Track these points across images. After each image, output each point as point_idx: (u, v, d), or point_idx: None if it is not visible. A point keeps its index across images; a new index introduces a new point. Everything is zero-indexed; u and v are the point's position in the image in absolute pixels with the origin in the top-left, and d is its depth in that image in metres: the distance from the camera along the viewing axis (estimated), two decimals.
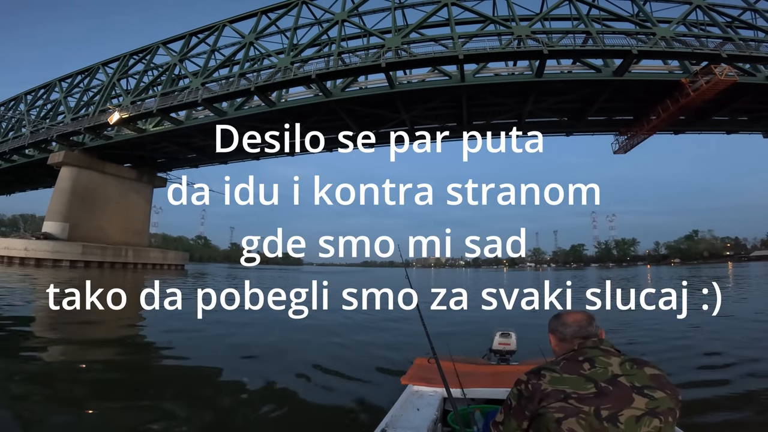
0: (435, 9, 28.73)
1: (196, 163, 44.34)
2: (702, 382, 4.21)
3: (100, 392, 3.77)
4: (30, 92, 46.50)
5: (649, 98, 27.50)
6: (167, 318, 8.96)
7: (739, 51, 23.76)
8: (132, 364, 5.06)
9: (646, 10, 27.41)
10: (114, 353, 5.48)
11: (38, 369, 4.58)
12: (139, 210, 45.05)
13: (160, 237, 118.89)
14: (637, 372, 1.26)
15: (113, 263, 37.73)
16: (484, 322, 8.87)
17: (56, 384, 3.96)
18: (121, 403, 3.52)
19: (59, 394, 3.69)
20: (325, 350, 5.79)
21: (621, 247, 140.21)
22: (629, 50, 23.40)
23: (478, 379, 2.70)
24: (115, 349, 5.68)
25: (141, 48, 39.13)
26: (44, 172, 41.64)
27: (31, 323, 7.82)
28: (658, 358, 5.16)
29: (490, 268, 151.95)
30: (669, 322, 8.50)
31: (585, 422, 1.16)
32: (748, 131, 32.90)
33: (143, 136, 34.82)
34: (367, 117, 31.16)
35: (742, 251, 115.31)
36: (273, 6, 32.90)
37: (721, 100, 26.06)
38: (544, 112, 31.14)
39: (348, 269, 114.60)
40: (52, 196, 38.72)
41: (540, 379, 1.27)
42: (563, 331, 1.48)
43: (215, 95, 29.47)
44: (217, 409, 3.43)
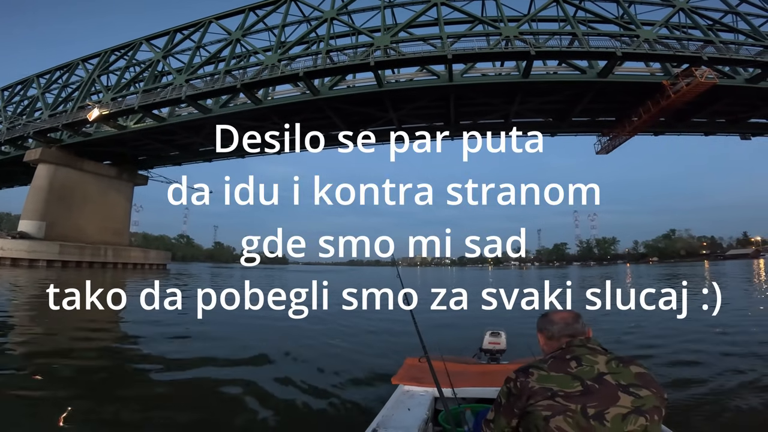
0: (424, 8, 28.77)
1: (179, 161, 43.45)
2: (686, 381, 4.28)
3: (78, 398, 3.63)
4: (6, 88, 45.06)
5: (631, 100, 28.09)
6: (146, 319, 8.75)
7: (720, 54, 24.38)
8: (109, 365, 4.90)
9: (630, 12, 27.94)
10: (92, 354, 5.29)
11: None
12: (119, 208, 43.99)
13: (140, 236, 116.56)
14: (623, 370, 1.27)
15: (92, 263, 36.73)
16: (478, 319, 8.92)
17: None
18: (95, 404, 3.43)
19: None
20: (314, 351, 5.75)
21: (602, 245, 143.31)
22: (614, 52, 23.84)
23: (468, 378, 2.70)
24: (93, 349, 5.49)
25: (123, 44, 38.24)
26: (20, 169, 40.45)
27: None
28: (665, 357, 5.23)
29: (475, 267, 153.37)
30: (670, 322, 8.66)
31: (572, 420, 1.17)
32: (725, 133, 33.83)
33: (124, 133, 33.98)
34: (354, 115, 31.03)
35: (718, 250, 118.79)
36: (261, 3, 32.52)
37: (700, 102, 26.70)
38: (530, 113, 31.52)
39: (335, 268, 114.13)
40: (28, 194, 37.59)
41: (528, 377, 1.29)
42: (550, 329, 1.50)
43: (200, 92, 28.91)
44: (203, 410, 3.39)
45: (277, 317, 9.49)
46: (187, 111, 32.13)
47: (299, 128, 32.26)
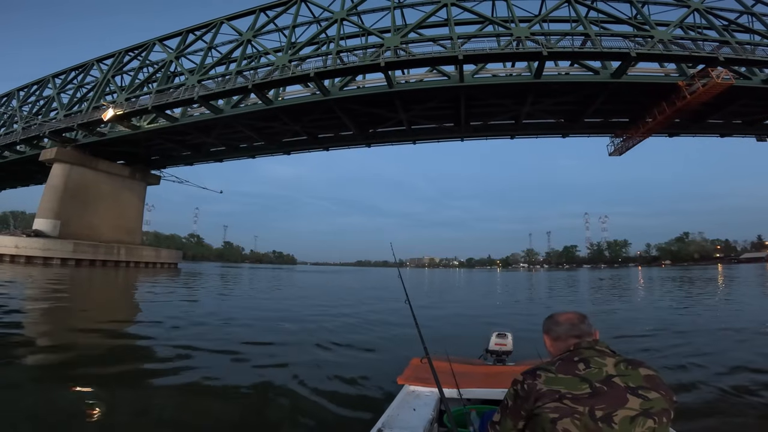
0: (434, 9, 28.67)
1: (191, 161, 43.92)
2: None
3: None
4: (22, 88, 45.85)
5: (646, 100, 27.68)
6: (165, 317, 8.82)
7: (736, 54, 23.96)
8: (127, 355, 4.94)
9: (644, 12, 27.58)
10: (109, 346, 5.35)
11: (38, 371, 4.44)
12: (132, 208, 44.55)
13: (152, 235, 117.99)
14: (632, 372, 1.26)
15: (105, 261, 37.25)
16: (482, 319, 8.88)
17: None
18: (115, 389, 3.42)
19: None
20: (320, 350, 5.74)
21: (613, 248, 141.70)
22: (628, 53, 23.50)
23: (474, 379, 2.69)
24: (110, 342, 5.55)
25: (136, 45, 38.71)
26: (36, 168, 41.11)
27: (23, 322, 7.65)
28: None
29: (484, 269, 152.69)
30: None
31: (580, 422, 1.16)
32: (742, 134, 33.23)
33: (137, 133, 34.40)
34: (364, 116, 31.05)
35: (732, 253, 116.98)
36: (272, 4, 32.67)
37: (716, 103, 26.24)
38: (542, 114, 31.23)
39: (343, 269, 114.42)
40: (43, 193, 38.13)
41: (536, 379, 1.28)
42: (556, 330, 1.49)
43: (212, 92, 29.15)
44: (208, 408, 3.40)
45: (270, 316, 9.55)
46: (199, 111, 32.43)
47: (310, 129, 32.43)
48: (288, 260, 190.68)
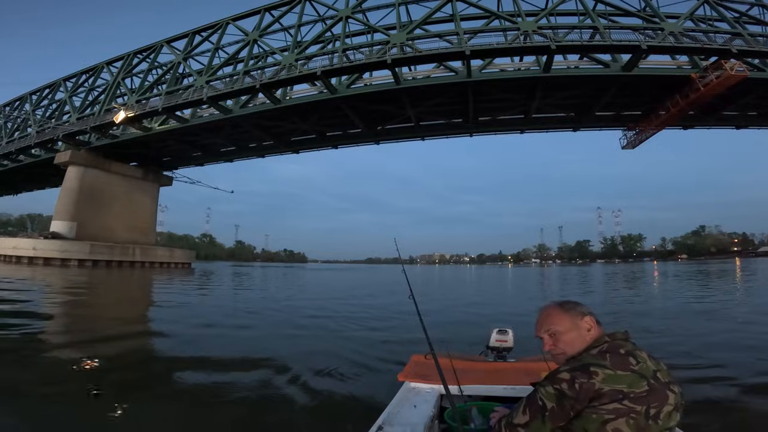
0: (440, 5, 28.41)
1: (202, 162, 44.44)
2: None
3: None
4: (35, 92, 46.60)
5: (658, 93, 27.20)
6: (179, 316, 8.98)
7: (749, 46, 23.42)
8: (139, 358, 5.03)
9: (653, 4, 27.02)
10: (127, 348, 5.46)
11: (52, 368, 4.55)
12: (146, 208, 45.27)
13: (165, 235, 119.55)
14: (662, 367, 1.23)
15: (121, 262, 37.88)
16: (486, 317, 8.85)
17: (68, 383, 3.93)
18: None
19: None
20: (320, 346, 5.76)
21: (627, 242, 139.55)
22: (638, 45, 23.11)
23: (475, 376, 2.66)
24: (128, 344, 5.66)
25: (145, 47, 39.07)
26: (51, 171, 41.80)
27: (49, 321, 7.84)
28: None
29: (495, 265, 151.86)
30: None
31: (633, 422, 1.09)
32: (757, 126, 32.54)
33: (149, 134, 34.90)
34: (372, 113, 31.05)
35: (750, 246, 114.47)
36: (276, 3, 32.70)
37: (730, 95, 25.65)
38: (551, 108, 30.91)
39: (352, 266, 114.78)
40: (59, 196, 38.94)
41: (591, 377, 1.14)
42: (585, 311, 1.39)
43: (220, 93, 29.42)
44: (205, 406, 3.43)
45: (271, 315, 9.64)
46: (208, 112, 32.76)
47: (318, 127, 32.53)
48: (299, 258, 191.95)
